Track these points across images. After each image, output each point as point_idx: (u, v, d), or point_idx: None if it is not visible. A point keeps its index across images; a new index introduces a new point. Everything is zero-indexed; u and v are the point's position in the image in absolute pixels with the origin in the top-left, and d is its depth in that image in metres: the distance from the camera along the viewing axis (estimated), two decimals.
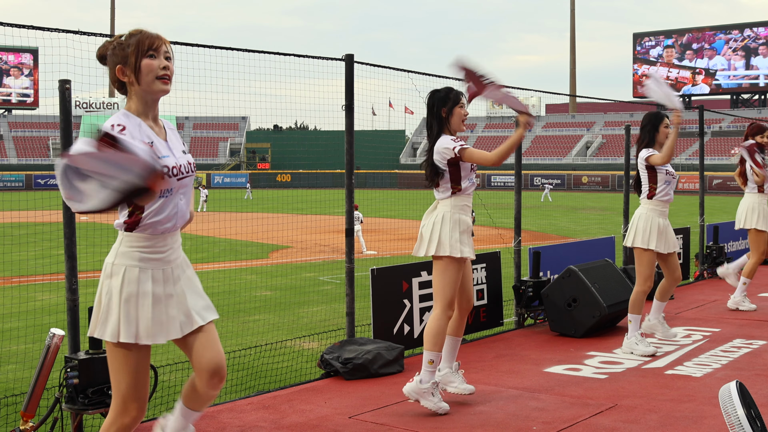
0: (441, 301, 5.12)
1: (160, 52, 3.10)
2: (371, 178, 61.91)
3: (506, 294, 8.30)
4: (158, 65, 3.08)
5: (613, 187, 57.58)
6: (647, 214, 6.75)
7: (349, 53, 6.51)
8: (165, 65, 3.10)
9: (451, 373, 5.44)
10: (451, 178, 5.17)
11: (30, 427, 4.61)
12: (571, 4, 79.44)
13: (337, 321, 9.89)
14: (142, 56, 3.07)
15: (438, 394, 5.16)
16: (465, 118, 5.28)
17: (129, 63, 3.08)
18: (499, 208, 25.84)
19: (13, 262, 14.24)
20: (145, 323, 3.12)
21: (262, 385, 6.57)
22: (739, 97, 71.51)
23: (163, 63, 3.09)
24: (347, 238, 6.54)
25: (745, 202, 8.86)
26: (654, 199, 6.75)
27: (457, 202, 5.18)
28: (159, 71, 3.08)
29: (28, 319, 9.77)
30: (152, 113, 3.17)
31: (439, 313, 5.12)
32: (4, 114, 73.06)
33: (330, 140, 61.86)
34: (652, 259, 6.74)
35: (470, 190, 5.23)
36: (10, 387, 6.88)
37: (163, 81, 3.09)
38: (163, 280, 3.17)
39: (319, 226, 17.82)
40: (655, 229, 6.68)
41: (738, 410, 3.29)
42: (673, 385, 5.77)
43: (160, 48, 3.10)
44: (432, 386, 5.15)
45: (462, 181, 5.17)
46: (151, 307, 3.12)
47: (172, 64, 3.16)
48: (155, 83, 3.09)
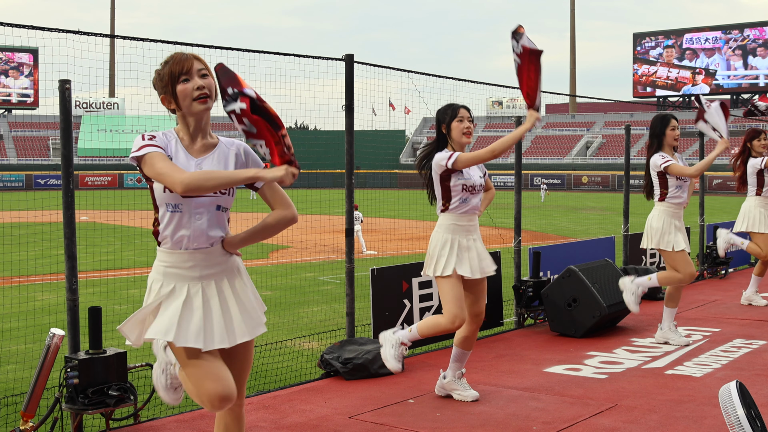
0: (445, 315, 5.13)
1: (192, 74, 3.17)
2: (371, 178, 61.89)
3: (506, 294, 8.30)
4: (192, 87, 3.15)
5: (613, 187, 57.59)
6: (659, 215, 6.80)
7: (349, 53, 6.52)
8: (199, 85, 3.15)
9: (455, 381, 5.47)
10: (442, 194, 5.19)
11: (30, 427, 4.61)
12: (571, 4, 79.45)
13: (337, 321, 9.89)
14: (176, 83, 3.16)
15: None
16: (467, 131, 5.21)
17: (168, 92, 3.19)
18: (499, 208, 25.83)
19: (13, 262, 14.24)
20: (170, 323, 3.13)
21: (262, 385, 6.57)
22: (739, 97, 71.51)
23: (197, 83, 3.15)
24: (347, 238, 6.54)
25: (748, 205, 8.94)
26: (666, 200, 6.80)
27: (445, 220, 5.19)
28: (194, 93, 3.15)
29: (28, 319, 9.77)
30: (200, 132, 3.24)
31: (443, 324, 5.13)
32: (4, 114, 73.06)
33: (330, 140, 61.76)
34: (683, 254, 6.77)
35: (462, 209, 5.16)
36: (10, 387, 6.88)
37: (200, 101, 3.16)
38: (191, 294, 3.18)
39: (319, 226, 17.80)
40: (673, 229, 6.74)
41: (738, 410, 3.29)
42: (673, 385, 5.77)
43: (191, 70, 3.17)
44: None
45: (452, 199, 5.15)
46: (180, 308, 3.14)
47: (211, 79, 3.21)
48: (193, 105, 3.17)
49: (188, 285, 3.19)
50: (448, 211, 5.18)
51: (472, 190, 5.18)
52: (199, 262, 3.20)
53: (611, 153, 69.06)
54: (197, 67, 3.18)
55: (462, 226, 5.17)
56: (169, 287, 3.19)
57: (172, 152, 3.16)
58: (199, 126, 3.23)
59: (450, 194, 5.15)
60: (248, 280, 3.38)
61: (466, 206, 5.17)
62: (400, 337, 5.21)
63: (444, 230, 5.18)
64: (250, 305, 3.31)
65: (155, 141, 3.13)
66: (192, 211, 3.15)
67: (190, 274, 3.19)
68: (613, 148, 69.79)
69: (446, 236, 5.16)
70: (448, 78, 8.23)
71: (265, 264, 17.45)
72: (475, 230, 5.26)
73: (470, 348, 5.44)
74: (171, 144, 3.18)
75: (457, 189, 5.14)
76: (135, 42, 5.64)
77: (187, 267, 3.19)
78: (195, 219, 3.16)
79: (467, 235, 5.19)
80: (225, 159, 3.26)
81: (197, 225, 3.17)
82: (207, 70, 3.22)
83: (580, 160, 69.44)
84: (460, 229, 5.17)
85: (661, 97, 72.89)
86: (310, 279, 14.73)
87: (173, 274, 3.19)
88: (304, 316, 10.79)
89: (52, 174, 57.98)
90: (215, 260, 3.24)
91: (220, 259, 3.25)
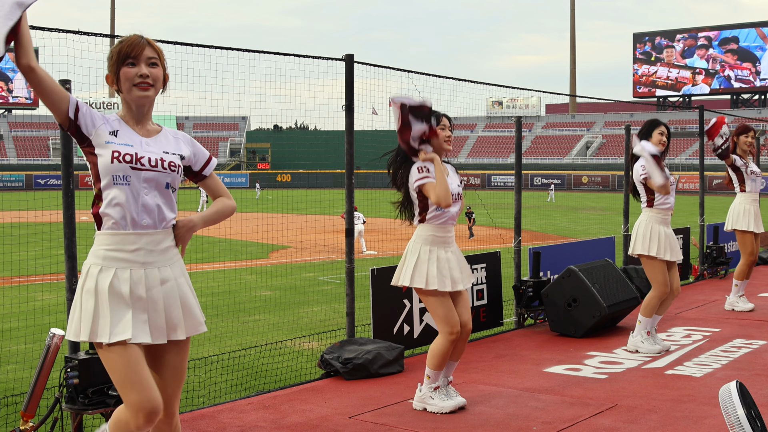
0: (439, 327, 5.11)
1: (140, 59, 3.11)
2: (371, 178, 61.79)
3: (506, 294, 8.30)
4: (135, 73, 3.10)
5: (613, 187, 57.58)
6: (647, 221, 6.72)
7: (349, 53, 6.52)
8: (143, 73, 3.10)
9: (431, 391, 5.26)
10: (419, 204, 5.09)
11: (30, 427, 4.60)
12: (571, 4, 79.46)
13: (337, 321, 9.89)
14: (121, 65, 3.12)
15: (438, 395, 5.17)
16: (447, 140, 5.14)
17: (113, 71, 3.15)
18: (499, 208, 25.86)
19: (13, 262, 14.24)
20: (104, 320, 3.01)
21: (262, 385, 6.57)
22: (739, 97, 71.52)
23: (141, 71, 3.10)
24: (347, 238, 6.54)
25: (733, 203, 8.89)
26: (654, 207, 6.72)
27: (423, 231, 5.08)
28: (135, 79, 3.10)
29: (28, 319, 9.77)
30: (142, 118, 3.19)
31: (442, 338, 5.08)
32: (4, 114, 73.06)
33: (330, 140, 61.85)
34: (660, 265, 6.67)
35: (440, 220, 5.04)
36: (10, 387, 6.88)
37: (140, 87, 3.11)
38: (133, 281, 3.05)
39: (319, 226, 17.83)
40: (656, 236, 6.63)
41: (738, 410, 3.29)
42: (673, 385, 5.77)
43: (140, 55, 3.11)
44: (429, 390, 5.18)
45: (429, 210, 5.04)
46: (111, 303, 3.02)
47: (159, 69, 3.15)
48: (133, 90, 3.12)
49: (130, 271, 3.05)
50: (426, 221, 5.07)
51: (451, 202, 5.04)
52: (144, 246, 3.07)
53: (611, 153, 69.06)
54: (147, 54, 3.12)
55: (440, 237, 5.06)
56: (109, 272, 3.03)
57: (113, 126, 3.11)
58: (141, 112, 3.18)
59: (427, 203, 5.05)
60: (189, 279, 3.25)
61: (444, 216, 5.05)
62: (426, 390, 5.17)
63: (422, 241, 5.07)
64: (189, 302, 3.18)
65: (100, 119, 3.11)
66: (140, 185, 3.07)
67: (134, 258, 3.05)
68: (613, 148, 69.78)
69: (425, 248, 5.05)
70: (448, 78, 8.23)
71: (265, 264, 17.45)
72: (452, 241, 5.15)
73: (457, 359, 5.29)
74: (113, 121, 3.14)
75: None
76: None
77: (130, 250, 3.05)
78: (143, 194, 3.07)
79: (446, 247, 5.08)
80: (175, 141, 3.23)
81: (145, 200, 3.07)
82: (159, 59, 3.16)
83: (580, 160, 69.43)
84: (438, 241, 5.06)
85: (661, 97, 72.92)
86: (310, 279, 14.73)
87: (114, 258, 3.04)
88: (304, 316, 10.79)
89: (52, 174, 57.97)
90: (162, 246, 3.12)
91: (167, 246, 3.14)
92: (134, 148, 3.10)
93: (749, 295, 9.42)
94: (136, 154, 3.08)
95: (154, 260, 3.10)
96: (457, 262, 5.10)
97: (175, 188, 3.18)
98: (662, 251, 6.61)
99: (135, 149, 3.10)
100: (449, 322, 5.02)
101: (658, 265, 6.66)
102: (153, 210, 3.10)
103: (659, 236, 6.63)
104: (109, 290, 3.02)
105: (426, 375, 5.20)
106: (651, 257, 6.64)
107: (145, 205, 3.07)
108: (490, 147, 75.30)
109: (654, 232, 6.64)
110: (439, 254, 5.04)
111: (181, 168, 3.20)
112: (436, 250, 5.04)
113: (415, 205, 5.12)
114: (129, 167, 3.05)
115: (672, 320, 8.18)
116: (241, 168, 73.60)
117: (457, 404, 5.18)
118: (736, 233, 8.84)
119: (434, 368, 5.14)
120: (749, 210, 8.66)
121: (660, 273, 6.66)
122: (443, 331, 5.05)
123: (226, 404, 5.43)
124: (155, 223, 3.10)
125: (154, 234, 3.10)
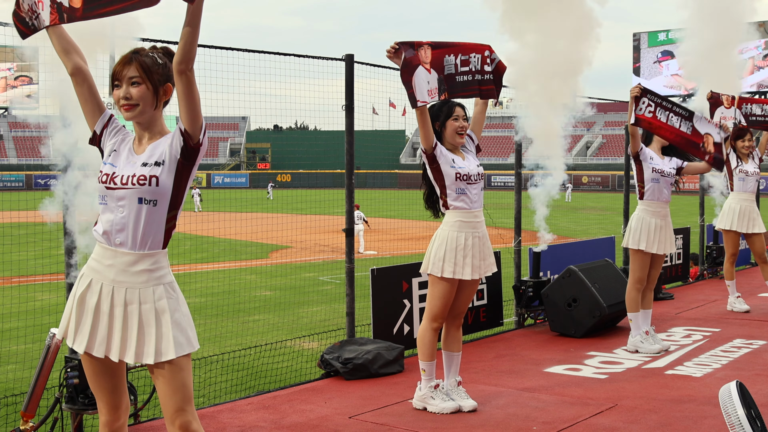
0: (426, 313, 5.12)
1: (123, 80, 3.15)
2: (371, 178, 61.85)
3: (506, 294, 8.30)
4: (118, 95, 3.17)
5: (613, 187, 57.57)
6: (639, 214, 6.73)
7: (350, 53, 6.52)
8: (124, 95, 3.13)
9: (451, 390, 5.26)
10: (440, 191, 5.05)
11: (30, 427, 4.61)
12: None
13: (337, 321, 9.89)
14: (112, 88, 3.20)
15: (439, 395, 5.16)
16: (461, 131, 5.08)
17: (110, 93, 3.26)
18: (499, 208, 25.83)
19: (13, 262, 14.23)
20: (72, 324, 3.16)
21: (262, 385, 6.57)
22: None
23: (123, 93, 3.14)
24: (347, 238, 6.54)
25: (725, 202, 8.93)
26: (645, 199, 6.72)
27: (449, 218, 5.02)
28: (120, 101, 3.17)
29: (28, 319, 9.77)
30: (143, 135, 3.23)
31: (425, 325, 5.12)
32: (4, 114, 73.05)
33: (330, 140, 61.83)
34: (643, 260, 6.68)
35: (464, 204, 4.96)
36: (10, 387, 6.89)
37: (124, 108, 3.16)
38: (102, 295, 3.11)
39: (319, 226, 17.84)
40: (646, 228, 6.63)
41: (738, 410, 3.29)
42: (673, 385, 5.77)
43: (123, 77, 3.15)
44: (429, 390, 5.17)
45: (448, 193, 4.98)
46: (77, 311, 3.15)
47: (142, 87, 3.12)
48: (121, 111, 3.19)
49: (102, 284, 3.12)
50: (450, 208, 5.00)
51: (468, 179, 4.99)
52: (116, 264, 3.10)
53: (611, 153, 69.06)
54: (129, 75, 3.13)
55: (467, 222, 4.99)
56: (86, 280, 3.15)
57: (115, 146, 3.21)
58: (140, 129, 3.23)
59: (445, 188, 4.98)
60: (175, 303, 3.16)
61: (466, 199, 4.97)
62: (426, 389, 5.17)
63: (449, 228, 5.00)
64: (148, 331, 3.10)
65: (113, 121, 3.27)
66: (114, 204, 3.11)
67: (105, 273, 3.12)
68: (613, 148, 69.79)
69: (452, 234, 4.98)
70: None
71: (265, 264, 17.45)
72: (480, 225, 5.06)
73: (457, 349, 5.24)
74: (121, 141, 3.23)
75: (450, 177, 4.96)
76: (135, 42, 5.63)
77: (105, 264, 3.12)
78: (117, 212, 3.10)
79: (473, 232, 5.00)
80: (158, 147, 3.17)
81: (118, 218, 3.09)
82: (141, 77, 3.12)
83: (580, 160, 69.43)
84: (465, 225, 4.99)
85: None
86: (310, 279, 14.74)
87: (94, 269, 3.15)
88: (304, 316, 10.79)
89: (52, 174, 57.86)
90: (136, 269, 3.10)
91: (142, 270, 3.11)
92: (115, 168, 3.16)
93: (750, 295, 9.42)
94: (113, 173, 3.14)
95: (123, 280, 3.11)
96: (480, 248, 5.02)
97: (155, 201, 3.09)
98: (651, 244, 6.62)
99: (115, 169, 3.15)
100: (439, 314, 5.04)
101: (642, 259, 6.67)
102: (126, 229, 3.10)
103: (650, 229, 6.64)
104: (80, 298, 3.15)
105: (421, 369, 5.19)
106: (638, 250, 6.66)
107: (118, 223, 3.11)
108: (490, 147, 75.32)
109: (645, 224, 6.65)
110: (463, 241, 4.95)
111: (156, 178, 3.08)
112: (462, 236, 4.96)
113: (436, 188, 5.05)
114: (104, 187, 3.14)
115: (672, 320, 8.18)
116: (241, 168, 73.59)
117: (458, 407, 5.14)
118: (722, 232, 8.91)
119: (425, 359, 5.13)
120: (734, 209, 8.66)
121: (640, 268, 6.68)
122: (428, 317, 5.08)
123: (226, 404, 5.43)
124: (131, 243, 3.10)
125: (128, 255, 3.10)
